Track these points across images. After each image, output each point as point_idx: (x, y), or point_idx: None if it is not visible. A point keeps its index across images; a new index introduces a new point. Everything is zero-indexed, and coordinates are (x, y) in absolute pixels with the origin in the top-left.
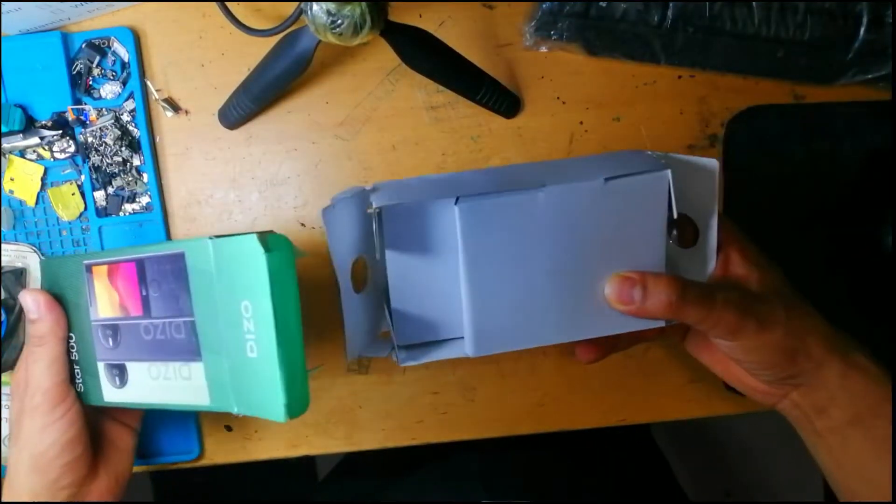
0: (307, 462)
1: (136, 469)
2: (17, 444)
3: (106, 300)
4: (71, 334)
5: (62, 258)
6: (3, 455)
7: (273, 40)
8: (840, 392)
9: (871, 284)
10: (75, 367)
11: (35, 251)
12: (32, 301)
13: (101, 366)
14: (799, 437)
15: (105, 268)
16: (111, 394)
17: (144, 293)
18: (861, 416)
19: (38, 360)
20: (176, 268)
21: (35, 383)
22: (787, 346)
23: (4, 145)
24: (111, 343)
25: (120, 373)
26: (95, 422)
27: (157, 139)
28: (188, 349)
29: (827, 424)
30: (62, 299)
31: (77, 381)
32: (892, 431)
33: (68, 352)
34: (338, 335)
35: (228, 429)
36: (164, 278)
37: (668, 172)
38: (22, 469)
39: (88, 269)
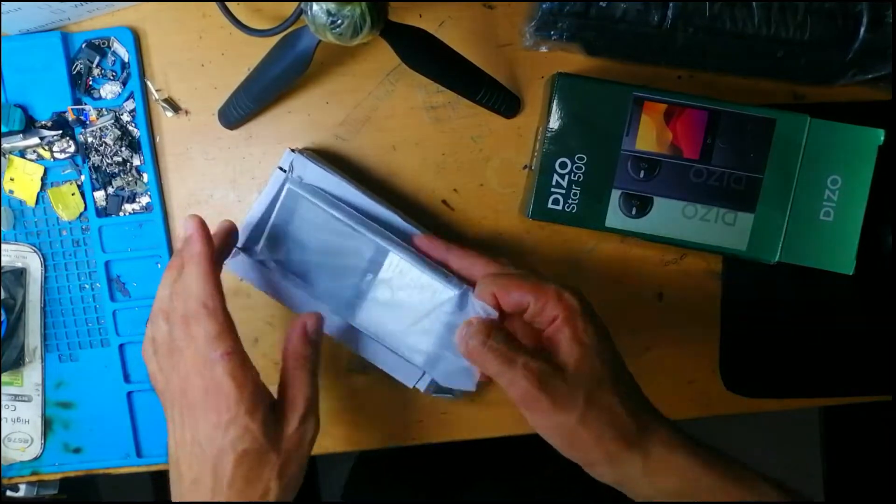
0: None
1: (136, 469)
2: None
3: (651, 136)
4: (582, 154)
5: (594, 81)
6: (2, 455)
7: (273, 40)
8: (650, 491)
9: (871, 284)
10: (573, 187)
11: (35, 251)
12: (195, 227)
13: (616, 193)
14: (797, 440)
15: (663, 107)
16: (619, 221)
17: (709, 141)
18: (683, 493)
19: (203, 273)
20: (759, 129)
21: (212, 303)
22: (579, 436)
23: (4, 145)
24: (642, 175)
25: (641, 204)
26: None
27: (157, 139)
28: (743, 200)
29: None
30: (577, 118)
31: (570, 200)
32: None
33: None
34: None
35: None
36: (739, 135)
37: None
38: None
39: (638, 101)
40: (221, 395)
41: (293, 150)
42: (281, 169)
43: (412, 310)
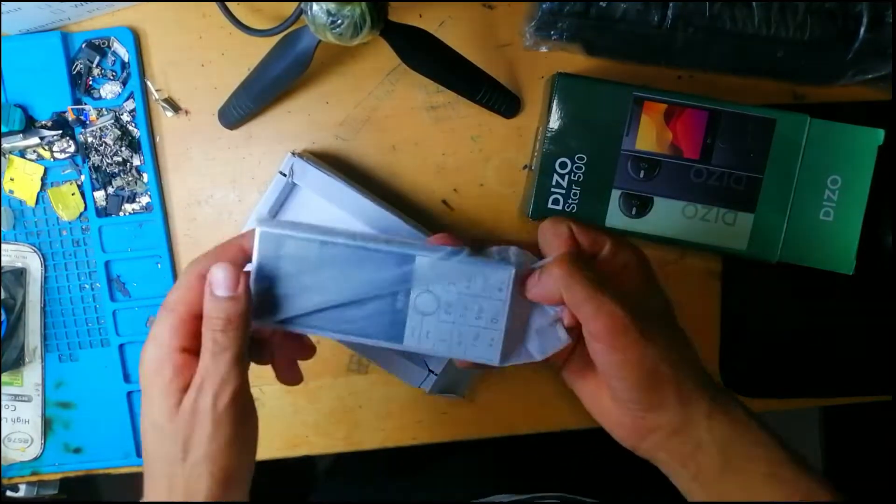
0: (307, 462)
1: (135, 469)
2: (181, 463)
3: (651, 136)
4: (582, 154)
5: (594, 81)
6: (2, 455)
7: (273, 40)
8: (707, 437)
9: (871, 284)
10: (573, 187)
11: (35, 251)
12: (229, 274)
13: (616, 193)
14: (797, 440)
15: (663, 107)
16: (619, 221)
17: (709, 141)
18: (731, 461)
19: (224, 351)
20: (759, 129)
21: (219, 379)
22: (659, 371)
23: (4, 145)
24: (642, 175)
25: (641, 204)
26: None
27: (157, 139)
28: (743, 200)
29: (699, 472)
30: (577, 118)
31: (570, 200)
32: None
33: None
34: None
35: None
36: (739, 135)
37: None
38: (201, 484)
39: (638, 101)
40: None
41: (294, 154)
42: (282, 173)
43: (469, 305)
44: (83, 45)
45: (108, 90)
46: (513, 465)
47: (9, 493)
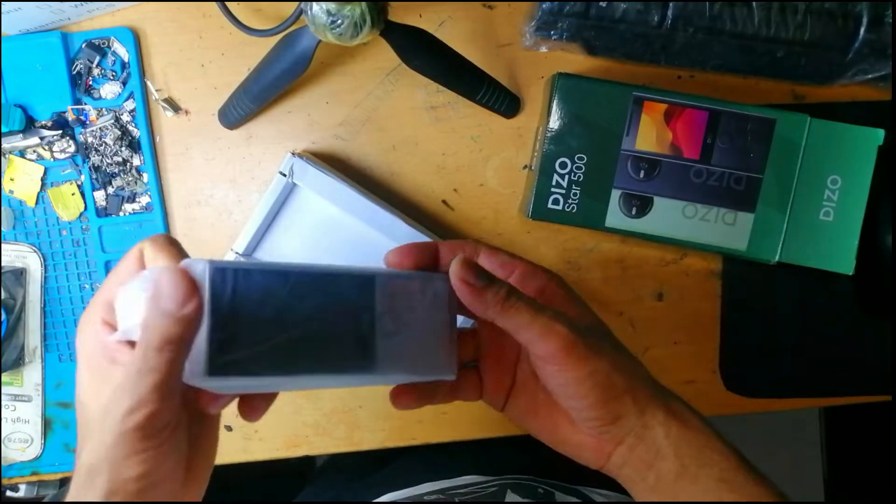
0: (307, 462)
1: None
2: (92, 452)
3: (651, 136)
4: (582, 154)
5: (594, 81)
6: (2, 455)
7: (273, 40)
8: (664, 443)
9: (871, 284)
10: (573, 187)
11: (35, 251)
12: (184, 288)
13: (616, 193)
14: (797, 440)
15: (663, 107)
16: (619, 221)
17: (709, 141)
18: (686, 467)
19: (151, 373)
20: (759, 129)
21: (137, 398)
22: (614, 382)
23: (4, 145)
24: (642, 175)
25: (641, 204)
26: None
27: (157, 139)
28: (743, 200)
29: (657, 480)
30: (577, 118)
31: (570, 200)
32: None
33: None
34: None
35: (228, 429)
36: (739, 135)
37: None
38: (96, 489)
39: (638, 101)
40: None
41: (293, 154)
42: (281, 174)
43: (425, 318)
44: (83, 45)
45: (108, 90)
46: (483, 449)
47: (9, 493)
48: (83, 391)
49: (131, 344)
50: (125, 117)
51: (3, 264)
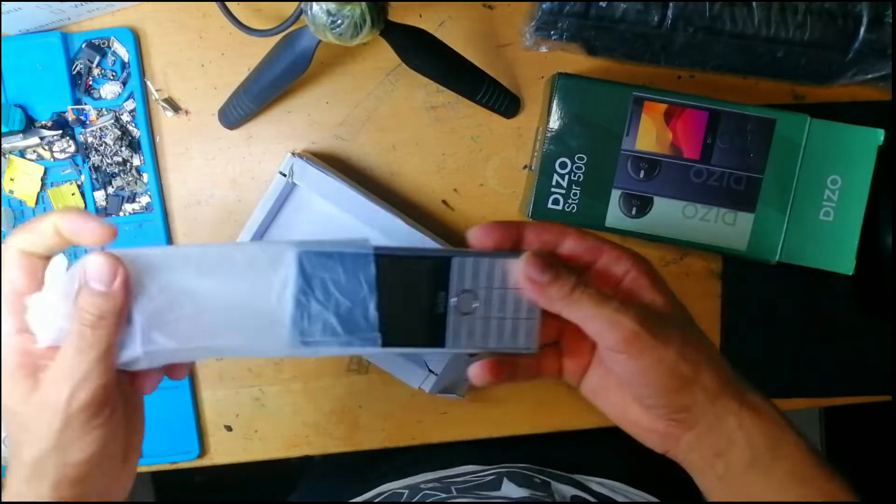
0: (307, 462)
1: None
2: (29, 447)
3: (651, 136)
4: (582, 154)
5: (594, 81)
6: (2, 455)
7: (273, 40)
8: (737, 433)
9: (871, 284)
10: (573, 187)
11: None
12: (107, 266)
13: (616, 193)
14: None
15: (663, 107)
16: (619, 221)
17: (710, 141)
18: (759, 458)
19: (90, 349)
20: (759, 129)
21: (78, 377)
22: (681, 372)
23: (4, 145)
24: (642, 175)
25: (641, 204)
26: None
27: (157, 139)
28: (743, 200)
29: (726, 470)
30: (577, 118)
31: (570, 200)
32: None
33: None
34: None
35: (228, 429)
36: (739, 135)
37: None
38: (44, 479)
39: (638, 101)
40: None
41: (293, 154)
42: (281, 174)
43: (506, 299)
44: (83, 45)
45: (108, 90)
46: (480, 441)
47: None
48: (11, 400)
49: (55, 349)
50: (125, 117)
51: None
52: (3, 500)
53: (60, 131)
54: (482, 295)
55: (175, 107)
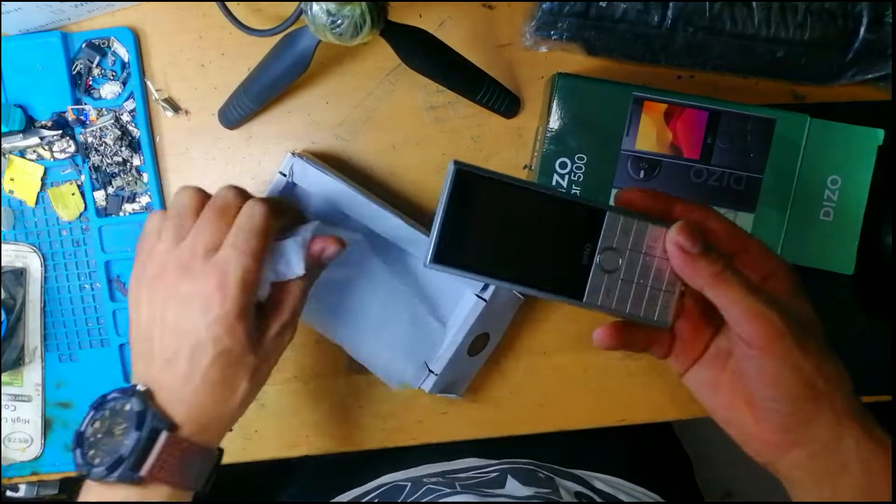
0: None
1: None
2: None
3: (651, 136)
4: (582, 154)
5: (594, 81)
6: (2, 455)
7: (273, 40)
8: (855, 460)
9: (871, 284)
10: (573, 188)
11: (35, 251)
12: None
13: (615, 192)
14: None
15: (663, 107)
16: None
17: (709, 141)
18: (873, 487)
19: (255, 254)
20: (759, 129)
21: (240, 284)
22: (815, 384)
23: (4, 145)
24: (642, 175)
25: None
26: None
27: (157, 139)
28: (743, 200)
29: (833, 494)
30: (577, 118)
31: None
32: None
33: None
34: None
35: (228, 429)
36: (739, 135)
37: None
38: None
39: (638, 101)
40: (220, 288)
41: (293, 154)
42: (281, 174)
43: (650, 266)
44: (83, 45)
45: (108, 90)
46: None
47: (9, 493)
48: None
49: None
50: (125, 117)
51: (3, 264)
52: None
53: (60, 131)
54: (627, 257)
55: (175, 107)
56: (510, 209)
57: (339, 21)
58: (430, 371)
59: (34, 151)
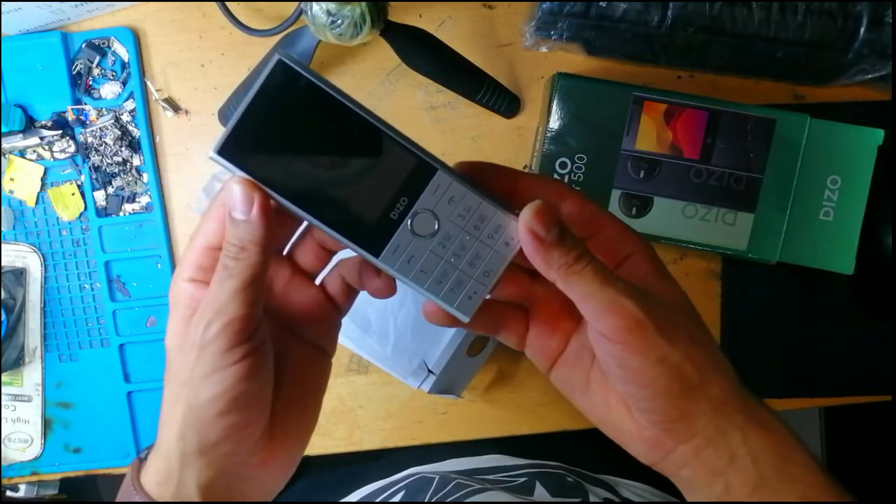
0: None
1: None
2: (174, 385)
3: (651, 136)
4: (582, 154)
5: (594, 81)
6: (2, 455)
7: (273, 40)
8: (741, 450)
9: (871, 284)
10: (573, 188)
11: (35, 251)
12: (242, 194)
13: (616, 193)
14: None
15: (663, 107)
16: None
17: (709, 141)
18: (766, 480)
19: (230, 279)
20: (759, 129)
21: (217, 307)
22: (685, 375)
23: (4, 145)
24: (642, 175)
25: (641, 204)
26: (281, 349)
27: (157, 139)
28: (744, 200)
29: (726, 492)
30: (577, 118)
31: None
32: None
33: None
34: None
35: None
36: (739, 135)
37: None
38: (174, 421)
39: (638, 101)
40: None
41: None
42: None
43: (468, 246)
44: (83, 45)
45: (108, 90)
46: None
47: (9, 493)
48: (170, 338)
49: None
50: (125, 117)
51: (3, 264)
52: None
53: (60, 131)
54: (444, 228)
55: (175, 107)
56: (327, 126)
57: (339, 21)
58: (430, 371)
59: (34, 151)
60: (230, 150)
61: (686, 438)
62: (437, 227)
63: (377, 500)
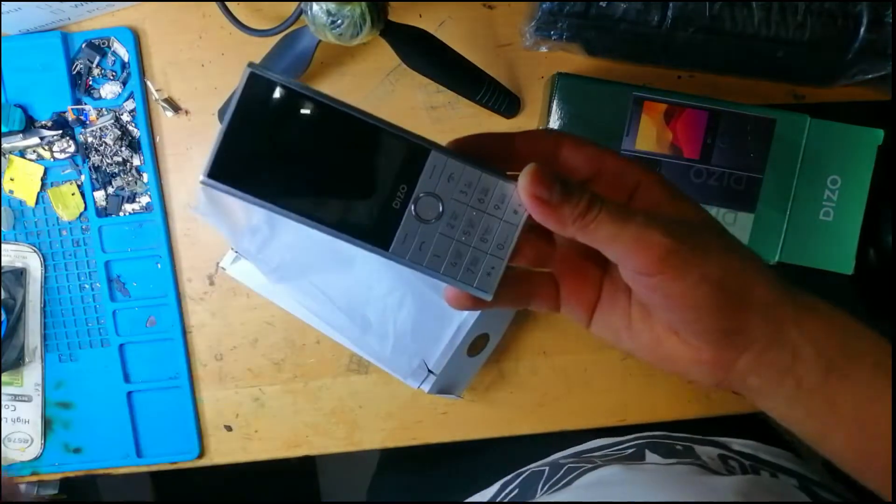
0: (307, 462)
1: (135, 469)
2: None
3: (651, 136)
4: None
5: (594, 81)
6: (2, 455)
7: (273, 40)
8: (800, 341)
9: (871, 284)
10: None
11: (35, 251)
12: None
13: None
14: (797, 439)
15: (663, 107)
16: None
17: (709, 141)
18: (833, 361)
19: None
20: (759, 129)
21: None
22: (729, 286)
23: (4, 145)
24: None
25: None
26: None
27: (157, 139)
28: (743, 200)
29: (798, 386)
30: (577, 118)
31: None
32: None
33: None
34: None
35: (228, 429)
36: (739, 135)
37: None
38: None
39: (638, 101)
40: None
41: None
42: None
43: (477, 221)
44: (83, 45)
45: (108, 90)
46: None
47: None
48: None
49: None
50: (125, 117)
51: (3, 264)
52: None
53: (60, 131)
54: (449, 208)
55: (175, 107)
56: (313, 130)
57: (339, 21)
58: (430, 371)
59: (34, 151)
60: (219, 172)
61: (745, 347)
62: (441, 208)
63: (496, 501)
